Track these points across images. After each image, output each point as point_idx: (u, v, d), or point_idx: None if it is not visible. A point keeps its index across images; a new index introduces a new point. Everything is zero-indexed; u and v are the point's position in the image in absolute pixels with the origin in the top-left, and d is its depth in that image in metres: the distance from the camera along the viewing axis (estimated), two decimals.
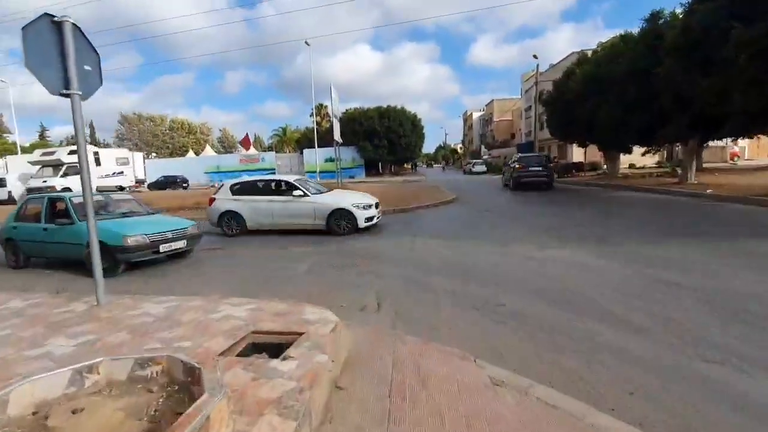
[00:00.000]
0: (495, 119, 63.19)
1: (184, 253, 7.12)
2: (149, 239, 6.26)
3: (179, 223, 7.15)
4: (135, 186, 28.55)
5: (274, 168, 37.35)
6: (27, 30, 3.36)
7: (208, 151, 47.24)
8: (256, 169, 35.20)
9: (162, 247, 6.42)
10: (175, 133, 62.63)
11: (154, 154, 56.45)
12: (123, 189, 24.58)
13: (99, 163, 24.54)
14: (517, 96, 54.52)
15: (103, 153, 26.53)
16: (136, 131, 60.22)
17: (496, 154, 52.64)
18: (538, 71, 29.74)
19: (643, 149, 20.61)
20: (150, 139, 60.10)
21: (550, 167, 18.89)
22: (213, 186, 31.25)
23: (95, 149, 26.75)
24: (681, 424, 2.18)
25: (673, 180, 16.88)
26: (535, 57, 29.36)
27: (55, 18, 3.47)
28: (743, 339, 3.08)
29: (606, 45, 19.59)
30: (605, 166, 24.45)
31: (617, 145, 19.83)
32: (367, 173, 39.26)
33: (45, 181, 21.73)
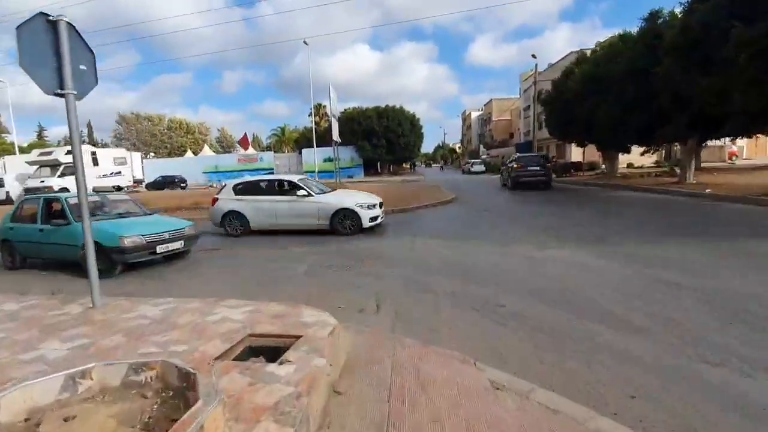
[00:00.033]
0: (494, 119, 63.24)
1: (181, 254, 7.08)
2: (146, 240, 6.22)
3: (176, 224, 7.11)
4: (133, 186, 28.46)
5: (272, 168, 37.32)
6: (22, 29, 3.31)
7: (206, 151, 47.18)
8: (254, 169, 35.18)
9: (159, 248, 6.38)
10: (174, 133, 62.36)
11: (152, 153, 56.32)
12: (121, 189, 24.50)
13: (96, 163, 24.49)
14: (516, 96, 54.56)
15: (101, 153, 26.47)
16: (134, 131, 59.92)
17: (494, 153, 52.60)
18: (536, 71, 29.75)
19: (642, 149, 20.59)
20: (148, 139, 59.84)
21: (548, 167, 18.99)
22: (211, 186, 31.25)
23: (93, 149, 26.70)
24: (681, 424, 2.17)
25: (672, 179, 16.87)
26: (534, 56, 29.30)
27: (50, 17, 3.42)
28: (743, 339, 3.06)
29: (605, 44, 19.56)
30: (604, 165, 24.44)
31: (616, 145, 19.81)
32: (366, 173, 39.29)
33: (42, 181, 21.66)
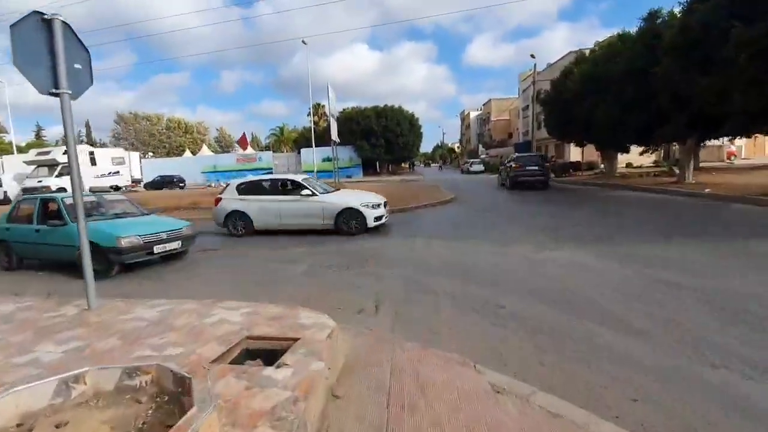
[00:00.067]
0: (492, 119, 63.29)
1: (179, 255, 7.03)
2: (143, 240, 6.17)
3: (174, 224, 7.06)
4: (131, 186, 28.40)
5: (271, 168, 37.27)
6: (15, 28, 3.27)
7: (204, 151, 47.13)
8: (253, 169, 35.12)
9: (156, 249, 6.34)
10: (172, 133, 62.22)
11: (150, 153, 56.16)
12: (119, 189, 24.44)
13: (94, 163, 24.42)
14: (515, 95, 54.58)
15: (99, 153, 26.40)
16: (132, 130, 59.76)
17: (493, 153, 52.62)
18: (535, 71, 29.76)
19: (641, 148, 20.58)
20: (146, 139, 59.69)
21: (546, 167, 19.10)
22: (210, 186, 31.21)
23: (91, 149, 26.62)
24: (681, 425, 2.15)
25: (671, 179, 16.88)
26: (533, 56, 29.25)
27: (45, 16, 3.37)
28: (743, 340, 3.05)
29: (604, 44, 19.55)
30: (602, 165, 24.44)
31: (615, 145, 19.82)
32: (365, 173, 39.27)
33: (40, 181, 21.57)
